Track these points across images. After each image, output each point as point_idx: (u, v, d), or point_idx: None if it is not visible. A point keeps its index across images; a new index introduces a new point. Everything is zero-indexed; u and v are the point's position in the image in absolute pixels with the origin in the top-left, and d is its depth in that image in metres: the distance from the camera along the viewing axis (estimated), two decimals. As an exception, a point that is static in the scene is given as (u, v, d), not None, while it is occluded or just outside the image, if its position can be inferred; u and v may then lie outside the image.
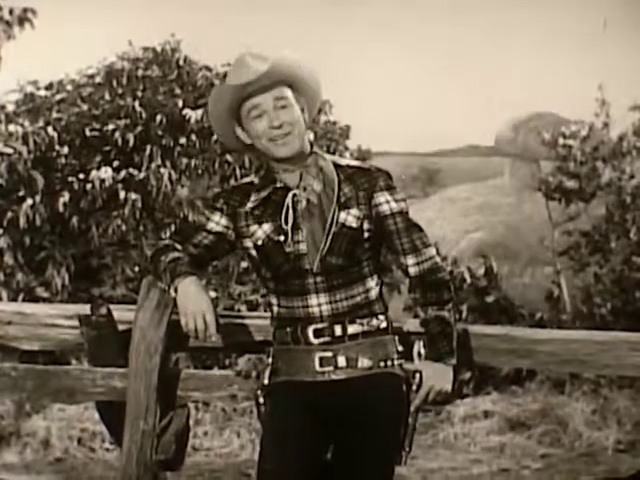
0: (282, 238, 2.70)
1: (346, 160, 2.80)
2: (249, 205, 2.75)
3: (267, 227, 2.72)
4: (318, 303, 2.68)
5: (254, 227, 2.74)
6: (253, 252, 2.74)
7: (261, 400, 2.77)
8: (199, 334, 2.67)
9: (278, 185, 2.73)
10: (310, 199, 2.68)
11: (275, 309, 2.75)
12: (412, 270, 2.74)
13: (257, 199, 2.74)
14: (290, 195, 2.70)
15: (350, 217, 2.69)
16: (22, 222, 6.84)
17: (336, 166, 2.73)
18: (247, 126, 2.70)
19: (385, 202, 2.71)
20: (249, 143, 2.74)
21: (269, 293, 2.77)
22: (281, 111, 2.67)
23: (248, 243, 2.75)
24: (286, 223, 2.69)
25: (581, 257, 8.35)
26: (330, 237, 2.66)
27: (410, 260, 2.73)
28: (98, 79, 8.00)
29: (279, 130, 2.66)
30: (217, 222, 2.78)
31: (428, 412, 5.99)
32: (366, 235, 2.70)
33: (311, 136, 2.78)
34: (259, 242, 2.72)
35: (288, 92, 2.69)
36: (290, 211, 2.69)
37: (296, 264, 2.68)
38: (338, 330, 2.68)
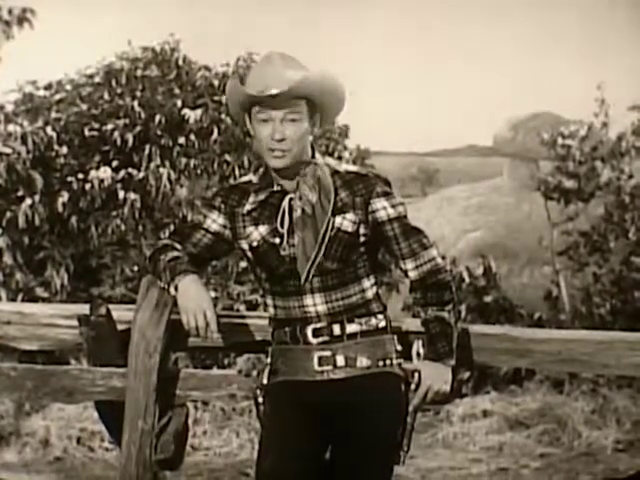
0: (277, 241, 2.70)
1: (344, 166, 2.78)
2: (247, 207, 2.75)
3: (263, 229, 2.72)
4: (314, 303, 2.69)
5: (250, 228, 2.74)
6: (249, 253, 2.75)
7: (260, 399, 2.78)
8: (200, 332, 2.67)
9: (275, 188, 2.72)
10: (305, 209, 2.68)
11: (271, 310, 2.76)
12: (412, 274, 2.74)
13: (255, 201, 2.74)
14: (287, 199, 2.70)
15: (346, 222, 2.69)
16: (21, 222, 6.84)
17: (334, 172, 2.72)
18: (253, 124, 2.69)
19: (382, 208, 2.71)
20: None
21: (265, 294, 2.78)
22: (288, 124, 2.64)
23: (244, 244, 2.75)
24: (282, 226, 2.70)
25: (580, 257, 8.34)
26: (324, 244, 2.66)
27: (409, 264, 2.74)
28: (97, 79, 8.00)
29: (279, 144, 2.64)
30: (214, 220, 2.78)
31: (427, 411, 5.99)
32: (362, 239, 2.70)
33: (310, 138, 2.74)
34: (254, 244, 2.73)
35: (303, 108, 2.65)
36: (286, 215, 2.69)
37: (291, 266, 2.68)
38: (337, 329, 2.69)
